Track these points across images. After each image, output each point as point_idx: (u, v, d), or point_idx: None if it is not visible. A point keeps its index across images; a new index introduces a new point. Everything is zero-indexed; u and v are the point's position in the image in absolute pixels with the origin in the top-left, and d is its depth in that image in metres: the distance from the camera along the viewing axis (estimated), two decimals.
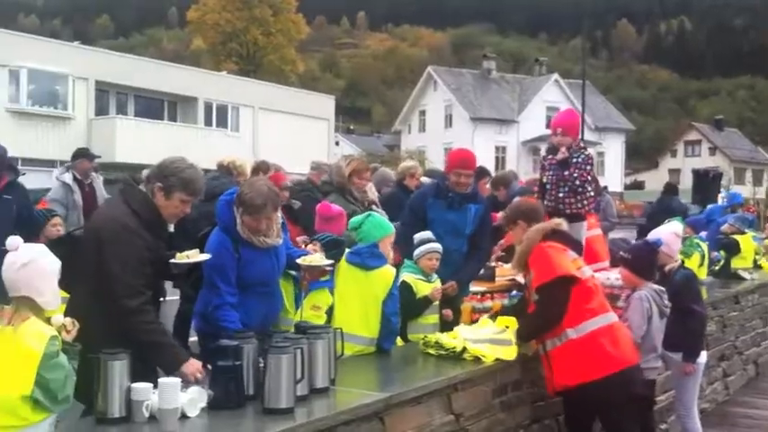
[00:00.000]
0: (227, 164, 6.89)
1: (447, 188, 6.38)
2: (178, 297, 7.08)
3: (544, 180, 6.98)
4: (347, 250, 5.15)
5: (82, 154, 9.93)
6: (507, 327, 5.13)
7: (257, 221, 4.54)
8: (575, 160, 6.75)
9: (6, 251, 3.28)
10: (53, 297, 3.32)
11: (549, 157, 6.97)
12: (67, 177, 9.46)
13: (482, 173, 9.65)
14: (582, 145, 7.09)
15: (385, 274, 5.09)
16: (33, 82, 31.65)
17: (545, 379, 5.12)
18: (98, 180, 9.87)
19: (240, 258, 4.57)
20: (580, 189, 6.73)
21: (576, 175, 6.69)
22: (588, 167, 6.81)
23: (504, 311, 5.60)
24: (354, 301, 5.05)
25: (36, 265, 3.25)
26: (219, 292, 4.52)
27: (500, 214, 8.54)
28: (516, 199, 6.68)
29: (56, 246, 3.79)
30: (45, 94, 32.15)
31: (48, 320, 3.31)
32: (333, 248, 5.00)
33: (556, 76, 59.20)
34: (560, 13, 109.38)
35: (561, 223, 5.25)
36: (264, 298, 4.73)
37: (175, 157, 4.32)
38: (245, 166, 7.56)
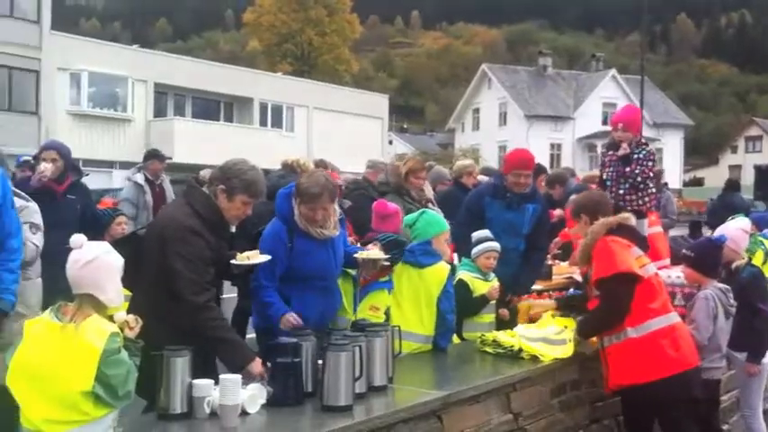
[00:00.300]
0: (291, 162, 6.99)
1: (505, 188, 6.34)
2: (236, 294, 7.16)
3: (604, 176, 6.89)
4: None
5: (153, 155, 10.23)
6: (566, 327, 5.06)
7: (313, 211, 4.57)
8: (636, 156, 6.65)
9: (71, 249, 3.33)
10: (116, 294, 3.36)
11: (610, 153, 6.88)
12: (139, 178, 9.79)
13: (539, 170, 9.54)
14: (644, 141, 6.98)
15: (439, 272, 5.07)
16: (94, 85, 32.32)
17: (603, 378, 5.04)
18: (167, 181, 10.11)
19: (294, 248, 4.60)
20: (641, 186, 6.63)
21: (637, 171, 6.59)
22: (650, 164, 6.71)
23: (562, 302, 5.51)
24: (408, 299, 5.06)
25: (99, 263, 3.28)
26: (258, 276, 4.55)
27: (557, 212, 8.46)
28: (582, 192, 6.56)
29: (120, 244, 3.85)
30: (105, 96, 32.82)
31: (110, 318, 3.35)
32: (394, 249, 4.97)
33: (613, 71, 58.29)
34: (617, 7, 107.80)
35: (628, 218, 5.13)
36: (322, 293, 4.73)
37: (238, 159, 4.36)
38: (308, 165, 7.63)
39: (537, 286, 6.83)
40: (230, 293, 7.14)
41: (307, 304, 4.62)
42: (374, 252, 4.86)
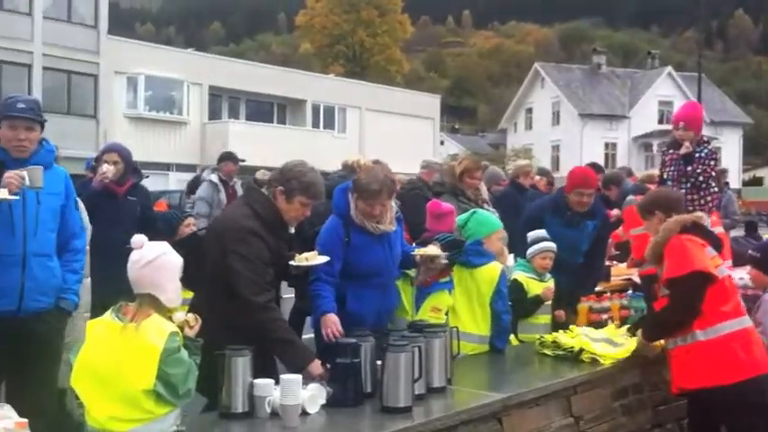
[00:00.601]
0: (351, 163, 7.07)
1: (566, 206, 6.23)
2: (293, 295, 7.19)
3: (664, 176, 6.76)
4: None
5: (227, 157, 10.53)
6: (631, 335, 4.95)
7: (372, 207, 4.57)
8: (698, 155, 6.52)
9: (132, 249, 3.37)
10: (175, 294, 3.39)
11: (671, 151, 6.75)
12: (214, 177, 10.13)
13: (595, 170, 9.41)
14: (705, 139, 6.83)
15: (490, 272, 5.03)
16: (150, 88, 32.87)
17: (667, 381, 4.92)
18: (239, 184, 10.34)
19: (350, 243, 4.61)
20: (703, 185, 6.49)
21: (699, 170, 6.46)
22: (712, 162, 6.56)
23: (632, 326, 5.33)
24: (461, 300, 5.03)
25: (160, 263, 3.32)
26: (317, 270, 4.53)
27: (614, 212, 8.34)
28: (657, 188, 6.40)
29: (180, 245, 3.89)
30: (161, 99, 33.36)
31: (170, 317, 3.39)
32: (453, 249, 4.94)
33: (669, 69, 57.24)
34: (672, 4, 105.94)
35: (702, 217, 4.98)
36: (379, 290, 4.72)
37: (297, 160, 4.38)
38: (368, 165, 7.69)
39: (597, 288, 6.76)
40: (288, 294, 7.18)
41: (363, 302, 4.62)
42: (431, 249, 4.83)
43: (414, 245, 5.17)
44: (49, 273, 4.28)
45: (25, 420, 2.25)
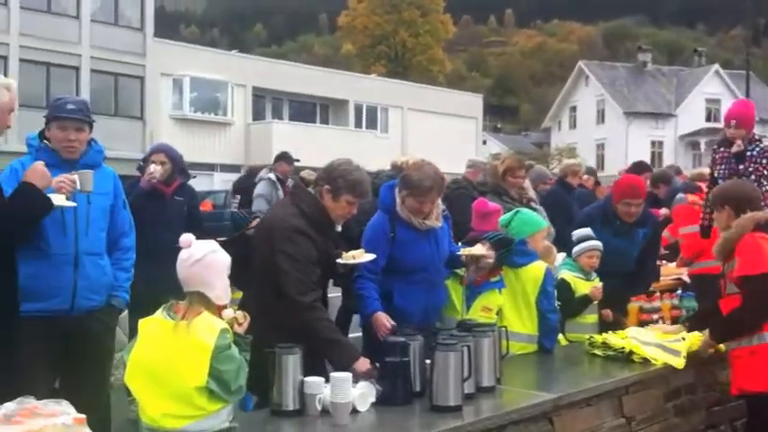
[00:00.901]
0: (400, 163, 7.10)
1: (614, 215, 6.11)
2: (340, 294, 7.21)
3: (715, 174, 6.63)
4: None
5: (282, 157, 10.76)
6: (683, 339, 4.85)
7: (421, 204, 4.59)
8: (749, 153, 6.39)
9: (180, 248, 3.40)
10: (224, 292, 3.41)
11: (722, 149, 6.63)
12: (273, 176, 10.33)
13: (643, 168, 9.29)
14: (757, 137, 6.69)
15: (535, 271, 5.00)
16: (195, 90, 33.25)
17: (721, 382, 4.82)
18: (291, 183, 10.45)
19: (396, 238, 4.61)
20: (755, 184, 6.34)
21: (751, 169, 6.34)
22: (764, 161, 6.43)
23: (690, 324, 5.20)
24: (507, 299, 5.01)
25: (208, 261, 3.34)
26: (360, 267, 4.52)
27: (662, 211, 8.22)
28: (732, 181, 6.23)
29: (229, 245, 3.92)
30: (206, 101, 33.73)
31: (220, 315, 3.41)
32: (502, 247, 4.91)
33: (716, 66, 56.30)
34: (717, 2, 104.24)
35: None
36: (425, 286, 4.70)
37: (342, 159, 4.39)
38: (418, 163, 7.72)
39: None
40: (334, 293, 7.21)
41: (409, 298, 4.62)
42: (477, 248, 4.80)
43: (460, 244, 5.15)
44: (100, 271, 4.34)
45: (83, 416, 2.28)
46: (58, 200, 3.88)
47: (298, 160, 10.81)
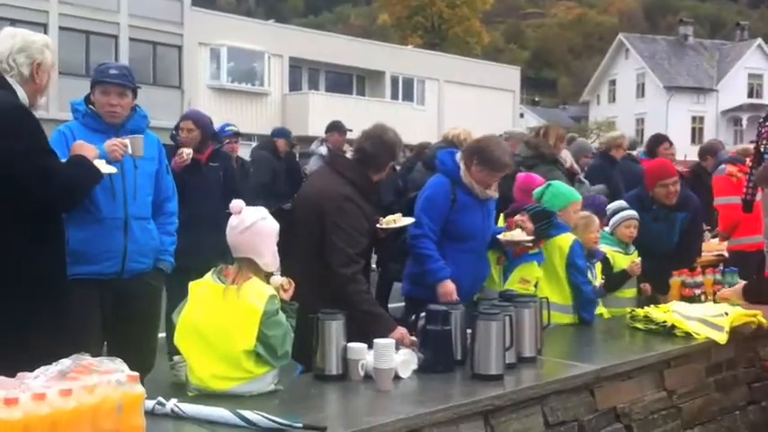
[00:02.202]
0: (451, 137, 7.09)
1: (651, 200, 6.14)
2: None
3: (761, 149, 6.51)
4: None
5: (334, 127, 10.45)
6: (726, 313, 4.81)
7: (491, 177, 4.68)
8: None
9: (230, 214, 3.43)
10: (273, 258, 3.45)
11: None
12: (323, 150, 10.08)
13: (659, 140, 9.17)
14: None
15: (560, 242, 5.01)
16: (232, 60, 33.27)
17: (762, 358, 4.78)
18: (347, 154, 10.36)
19: (456, 201, 4.66)
20: None
21: None
22: None
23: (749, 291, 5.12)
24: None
25: (257, 228, 3.38)
26: (421, 224, 4.60)
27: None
28: None
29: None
30: (243, 71, 33.75)
31: (267, 281, 3.45)
32: (542, 219, 4.92)
33: (759, 41, 55.12)
34: None
35: None
36: (474, 255, 4.79)
37: (377, 124, 4.52)
38: (469, 139, 7.69)
39: None
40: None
41: (460, 266, 4.67)
42: (517, 233, 4.84)
43: (501, 214, 5.17)
44: (148, 235, 4.40)
45: (137, 374, 2.33)
46: (101, 166, 3.94)
47: (350, 130, 10.46)
